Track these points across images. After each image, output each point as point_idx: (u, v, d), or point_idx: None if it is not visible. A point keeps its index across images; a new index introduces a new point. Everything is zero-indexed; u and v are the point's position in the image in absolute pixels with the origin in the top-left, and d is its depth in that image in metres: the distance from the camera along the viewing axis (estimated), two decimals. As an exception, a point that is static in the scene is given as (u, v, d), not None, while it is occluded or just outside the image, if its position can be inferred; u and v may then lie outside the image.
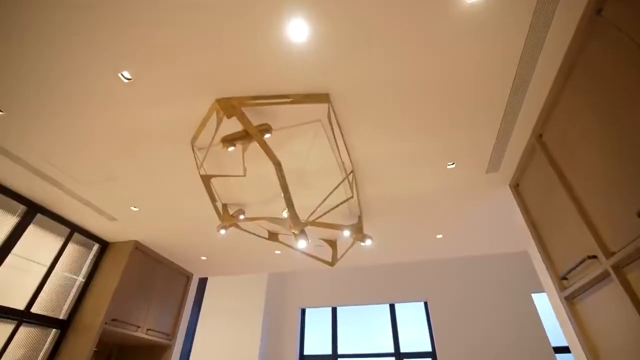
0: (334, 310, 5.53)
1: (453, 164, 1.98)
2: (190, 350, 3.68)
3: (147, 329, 3.02)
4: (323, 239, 2.74)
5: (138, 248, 3.06)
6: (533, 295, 4.91)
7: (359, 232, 2.29)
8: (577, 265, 1.48)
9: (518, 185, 2.11)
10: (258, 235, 2.51)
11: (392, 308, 5.32)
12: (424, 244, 2.88)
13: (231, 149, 1.59)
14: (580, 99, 1.39)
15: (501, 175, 2.10)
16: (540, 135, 1.75)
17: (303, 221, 1.67)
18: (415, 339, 5.07)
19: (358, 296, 5.44)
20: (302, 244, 1.71)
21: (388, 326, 5.19)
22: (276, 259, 3.28)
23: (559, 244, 1.70)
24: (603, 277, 1.37)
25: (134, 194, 2.34)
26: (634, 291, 1.22)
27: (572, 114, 1.45)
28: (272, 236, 2.66)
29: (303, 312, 5.66)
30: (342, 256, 2.50)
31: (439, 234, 2.72)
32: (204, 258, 3.32)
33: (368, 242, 2.33)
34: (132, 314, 2.91)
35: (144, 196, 2.36)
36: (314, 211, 1.79)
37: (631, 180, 1.15)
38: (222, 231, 2.29)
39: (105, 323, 2.62)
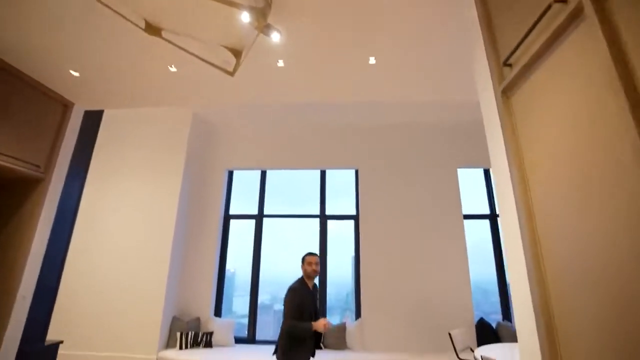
0: (263, 174, 5.31)
1: None
2: (79, 197, 3.19)
3: (-2, 152, 2.36)
4: (226, 47, 2.08)
5: (-38, 43, 2.15)
6: (459, 170, 5.06)
7: (262, 19, 1.66)
8: (532, 27, 1.06)
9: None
10: (129, 20, 1.77)
11: (322, 175, 5.23)
12: (354, 71, 2.39)
13: None
14: None
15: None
16: None
17: None
18: (342, 204, 5.17)
19: (289, 160, 5.19)
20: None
21: (317, 192, 5.17)
22: (174, 82, 2.60)
23: (513, 19, 1.26)
24: (570, 21, 0.95)
25: None
26: (616, 29, 0.82)
27: None
28: (152, 30, 1.93)
29: (230, 173, 5.36)
30: (243, 58, 1.91)
31: (371, 56, 2.21)
32: (75, 74, 2.53)
33: (275, 36, 1.74)
34: (-34, 130, 2.19)
35: None
36: None
37: None
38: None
39: None
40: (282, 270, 4.82)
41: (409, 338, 4.26)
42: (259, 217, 5.09)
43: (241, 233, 5.12)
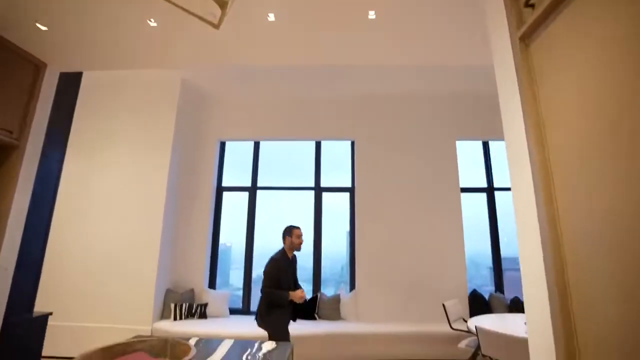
0: (257, 145, 5.13)
1: None
2: (61, 166, 2.98)
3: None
4: (210, -4, 1.86)
5: None
6: (457, 142, 4.92)
7: (248, -44, 1.44)
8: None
9: None
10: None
11: (317, 146, 5.06)
12: (351, 27, 2.17)
13: None
14: None
15: None
16: None
17: None
18: (337, 177, 5.05)
19: (283, 131, 5.01)
20: None
21: (312, 164, 5.03)
22: (154, 39, 2.38)
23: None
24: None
25: None
26: None
27: None
28: (122, -28, 1.70)
29: (222, 144, 5.18)
30: (230, 6, 1.71)
31: (371, 10, 1.99)
32: (43, 28, 2.28)
33: (263, -22, 1.52)
34: None
35: None
36: None
37: None
38: None
39: None
40: (276, 243, 4.76)
41: (403, 309, 4.29)
42: (252, 190, 4.97)
43: (235, 206, 5.02)
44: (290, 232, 2.83)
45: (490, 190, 4.87)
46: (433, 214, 4.60)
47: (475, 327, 2.69)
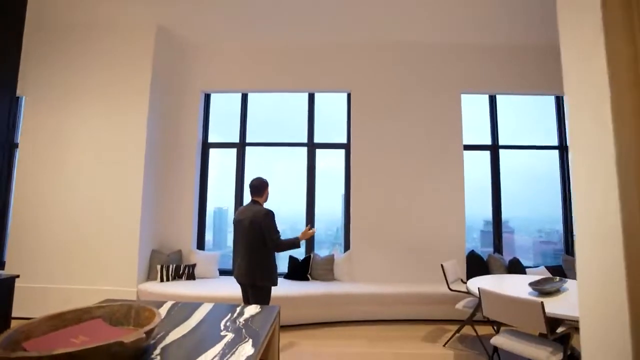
0: (244, 97, 4.69)
1: None
2: (10, 117, 2.53)
3: None
4: None
5: None
6: (462, 95, 4.53)
7: None
8: None
9: None
10: None
11: (311, 99, 4.64)
12: None
13: None
14: None
15: None
16: None
17: None
18: (332, 131, 4.69)
19: (274, 82, 4.54)
20: None
21: (304, 118, 4.64)
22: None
23: None
24: None
25: None
26: None
27: None
28: None
29: (207, 97, 4.72)
30: None
31: None
32: None
33: None
34: None
35: None
36: None
37: None
38: None
39: None
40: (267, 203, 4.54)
41: (400, 270, 4.16)
42: (240, 146, 4.61)
43: (227, 169, 4.65)
44: (268, 185, 2.79)
45: (494, 148, 4.58)
46: (433, 172, 4.33)
47: (479, 288, 2.51)
